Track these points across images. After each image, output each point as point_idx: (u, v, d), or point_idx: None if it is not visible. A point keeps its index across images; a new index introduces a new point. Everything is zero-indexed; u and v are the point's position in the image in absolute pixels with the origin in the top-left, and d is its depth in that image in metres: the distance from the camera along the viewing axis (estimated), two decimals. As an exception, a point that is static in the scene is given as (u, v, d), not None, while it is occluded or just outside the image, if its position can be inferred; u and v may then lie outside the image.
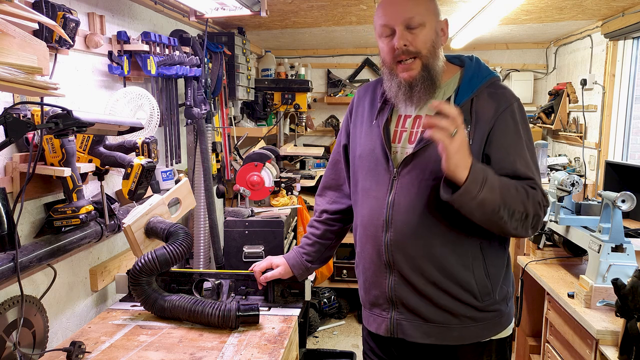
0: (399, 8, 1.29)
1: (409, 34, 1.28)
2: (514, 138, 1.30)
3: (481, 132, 1.29)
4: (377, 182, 1.38)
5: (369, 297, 1.44)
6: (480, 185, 1.18)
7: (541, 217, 1.29)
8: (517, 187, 1.25)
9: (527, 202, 1.25)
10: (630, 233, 2.17)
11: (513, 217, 1.24)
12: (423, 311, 1.34)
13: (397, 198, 1.33)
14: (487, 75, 1.36)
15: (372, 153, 1.40)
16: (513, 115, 1.31)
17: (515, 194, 1.24)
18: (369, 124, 1.44)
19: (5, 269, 1.25)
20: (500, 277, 1.37)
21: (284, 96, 3.62)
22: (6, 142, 1.08)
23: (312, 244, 1.59)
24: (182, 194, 1.93)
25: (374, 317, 1.43)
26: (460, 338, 1.34)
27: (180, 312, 1.50)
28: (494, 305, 1.35)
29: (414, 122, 1.37)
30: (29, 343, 1.40)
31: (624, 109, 3.02)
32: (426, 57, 1.30)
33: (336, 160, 1.59)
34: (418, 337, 1.35)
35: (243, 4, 2.06)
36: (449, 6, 2.65)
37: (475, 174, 1.18)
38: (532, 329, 2.60)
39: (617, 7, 2.71)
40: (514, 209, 1.23)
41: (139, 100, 1.83)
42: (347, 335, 3.60)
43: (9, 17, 1.06)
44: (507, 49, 4.16)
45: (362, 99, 1.51)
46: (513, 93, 1.36)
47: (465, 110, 1.30)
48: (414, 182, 1.31)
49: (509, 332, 1.41)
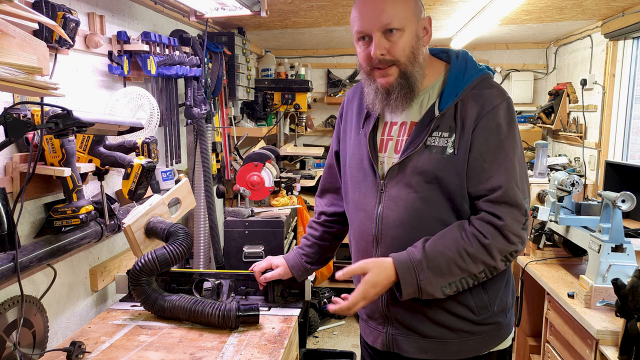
0: (376, 12, 1.19)
1: (386, 42, 1.20)
2: (495, 145, 1.21)
3: (465, 140, 1.21)
4: (365, 194, 1.33)
5: (365, 309, 1.39)
6: (418, 292, 1.20)
7: (517, 248, 1.22)
8: (467, 253, 1.18)
9: (488, 258, 1.19)
10: (630, 233, 2.16)
11: (477, 277, 1.21)
12: (418, 326, 1.29)
13: (386, 212, 1.28)
14: (474, 75, 1.26)
15: (360, 164, 1.35)
16: (496, 118, 1.21)
17: (467, 262, 1.19)
18: (357, 131, 1.38)
19: (5, 269, 1.25)
20: (499, 290, 1.31)
21: (284, 96, 3.62)
22: (6, 142, 1.08)
23: (311, 245, 1.57)
24: (182, 194, 1.93)
25: (370, 329, 1.40)
26: (458, 352, 1.29)
27: (180, 312, 1.50)
28: (492, 318, 1.29)
29: (400, 129, 1.30)
30: (29, 343, 1.39)
31: (624, 109, 3.02)
32: (404, 65, 1.22)
33: (331, 165, 1.55)
34: (414, 353, 1.31)
35: (243, 4, 2.06)
36: (448, 6, 2.65)
37: (407, 288, 1.20)
38: (532, 329, 2.60)
39: (617, 7, 2.71)
40: (474, 273, 1.20)
41: (139, 100, 1.83)
42: (347, 335, 3.60)
43: (9, 17, 1.06)
44: (507, 49, 4.16)
45: (350, 102, 1.46)
46: (502, 92, 1.25)
47: (449, 117, 1.23)
48: (401, 194, 1.26)
49: (508, 342, 1.37)
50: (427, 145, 1.24)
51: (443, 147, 1.22)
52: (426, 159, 1.23)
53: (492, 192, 1.20)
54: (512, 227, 1.19)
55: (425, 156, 1.23)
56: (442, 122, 1.24)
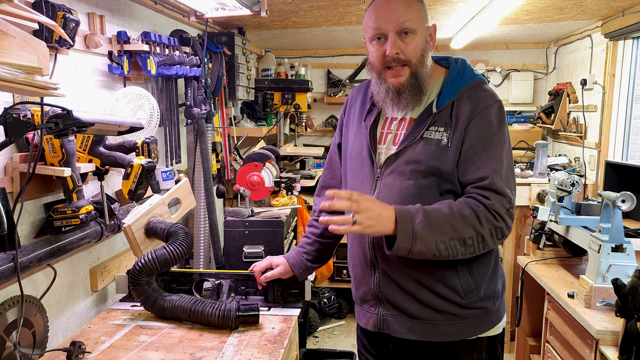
0: (392, 13, 1.29)
1: (400, 42, 1.30)
2: (486, 140, 1.30)
3: (458, 134, 1.30)
4: (362, 182, 1.41)
5: (358, 293, 1.49)
6: (411, 240, 1.22)
7: (502, 228, 1.28)
8: (461, 215, 1.25)
9: (478, 223, 1.25)
10: (630, 233, 2.17)
11: (466, 244, 1.26)
12: (408, 307, 1.36)
13: (380, 197, 1.35)
14: (471, 78, 1.36)
15: (360, 154, 1.43)
16: (488, 117, 1.31)
17: (459, 223, 1.24)
18: (358, 124, 1.47)
19: (5, 269, 1.25)
20: (485, 276, 1.38)
21: (284, 96, 3.62)
22: (6, 142, 1.08)
23: (311, 243, 1.60)
24: (182, 194, 1.93)
25: (364, 312, 1.48)
26: (446, 335, 1.36)
27: (180, 312, 1.50)
28: (478, 302, 1.36)
29: (400, 124, 1.40)
30: (29, 343, 1.39)
31: (624, 109, 3.02)
32: (415, 66, 1.32)
33: (332, 159, 1.62)
34: (404, 333, 1.38)
35: (243, 4, 2.06)
36: (448, 6, 2.65)
37: (403, 232, 1.22)
38: (532, 329, 2.60)
39: (617, 7, 2.71)
40: (463, 237, 1.25)
41: (139, 100, 1.83)
42: (347, 335, 3.60)
43: (9, 17, 1.06)
44: (507, 49, 4.16)
45: (355, 99, 1.54)
46: (494, 95, 1.35)
47: (445, 114, 1.33)
48: (396, 182, 1.34)
49: (498, 330, 1.42)
50: (423, 137, 1.33)
51: (438, 139, 1.32)
52: (421, 150, 1.32)
53: (479, 180, 1.29)
54: (498, 208, 1.27)
55: (420, 147, 1.32)
56: (439, 118, 1.33)
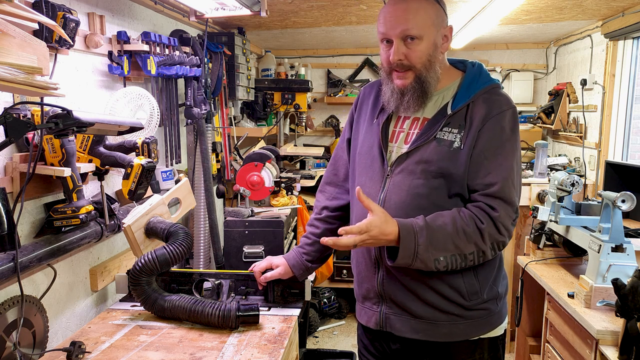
0: (398, 19, 1.30)
1: (404, 48, 1.31)
2: (497, 145, 1.31)
3: (471, 137, 1.31)
4: (371, 179, 1.41)
5: (361, 290, 1.48)
6: (412, 259, 1.25)
7: (504, 241, 1.31)
8: (464, 232, 1.26)
9: (480, 241, 1.27)
10: (630, 233, 2.17)
11: (466, 259, 1.28)
12: (411, 306, 1.36)
13: (389, 195, 1.36)
14: (486, 82, 1.37)
15: (370, 151, 1.44)
16: (502, 122, 1.31)
17: (461, 241, 1.26)
18: (370, 121, 1.47)
19: (5, 269, 1.25)
20: (490, 278, 1.39)
21: (284, 96, 3.62)
22: (6, 142, 1.08)
23: (311, 244, 1.59)
24: (182, 194, 1.93)
25: (365, 310, 1.48)
26: (449, 335, 1.36)
27: (180, 312, 1.50)
28: (482, 304, 1.37)
29: (412, 123, 1.41)
30: (29, 343, 1.40)
31: (624, 109, 3.02)
32: (420, 70, 1.33)
33: (339, 155, 1.61)
34: (406, 332, 1.38)
35: (243, 4, 2.06)
36: (449, 6, 2.64)
37: (404, 251, 1.25)
38: (532, 329, 2.60)
39: (617, 7, 2.71)
40: (464, 253, 1.27)
41: (139, 100, 1.83)
42: (347, 335, 3.60)
43: (9, 17, 1.06)
44: (507, 49, 4.16)
45: (367, 96, 1.54)
46: (509, 101, 1.36)
47: (460, 115, 1.33)
48: (405, 181, 1.34)
49: (500, 331, 1.43)
50: (436, 138, 1.33)
51: (451, 141, 1.32)
52: (433, 151, 1.32)
53: (488, 187, 1.29)
54: (504, 220, 1.28)
55: (432, 148, 1.33)
56: (453, 119, 1.34)
